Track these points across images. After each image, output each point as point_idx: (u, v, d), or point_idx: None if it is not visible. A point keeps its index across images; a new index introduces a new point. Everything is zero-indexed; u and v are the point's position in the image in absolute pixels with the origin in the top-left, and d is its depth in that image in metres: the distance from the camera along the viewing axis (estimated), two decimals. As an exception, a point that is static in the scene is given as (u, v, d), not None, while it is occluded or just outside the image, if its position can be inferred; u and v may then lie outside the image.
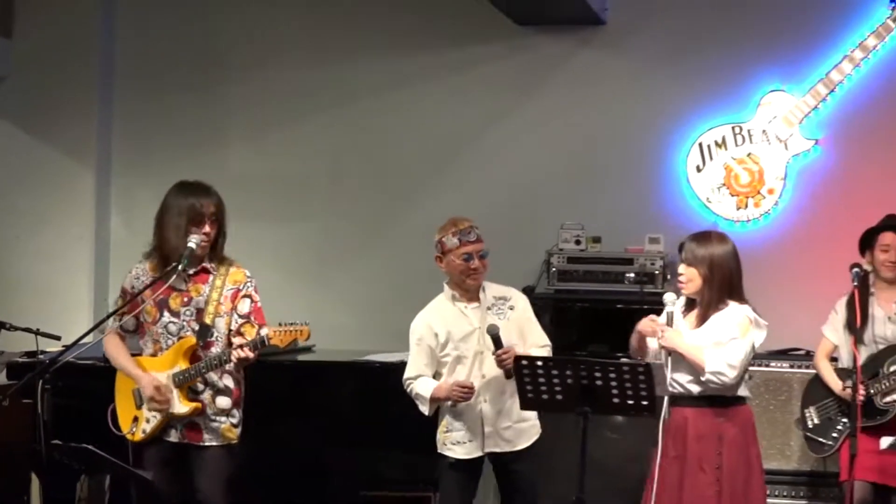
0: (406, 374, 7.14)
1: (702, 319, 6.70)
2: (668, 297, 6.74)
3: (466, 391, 6.91)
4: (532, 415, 7.12)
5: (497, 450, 7.05)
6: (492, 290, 7.18)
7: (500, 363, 6.83)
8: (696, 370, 6.63)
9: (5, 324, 8.23)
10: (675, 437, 6.68)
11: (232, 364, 6.72)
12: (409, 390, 7.12)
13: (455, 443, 7.08)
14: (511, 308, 7.14)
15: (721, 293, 6.70)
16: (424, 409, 7.06)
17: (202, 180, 6.92)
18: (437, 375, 7.14)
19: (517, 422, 7.07)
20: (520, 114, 9.48)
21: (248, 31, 9.80)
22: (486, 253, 7.06)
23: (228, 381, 6.87)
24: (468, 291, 7.10)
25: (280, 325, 6.77)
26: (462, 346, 7.03)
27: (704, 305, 6.72)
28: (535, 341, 7.15)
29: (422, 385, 7.06)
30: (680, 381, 6.68)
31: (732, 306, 6.69)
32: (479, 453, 7.06)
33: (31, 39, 9.65)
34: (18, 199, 9.64)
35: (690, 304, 6.82)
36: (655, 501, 6.72)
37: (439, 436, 7.15)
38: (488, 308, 7.09)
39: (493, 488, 8.07)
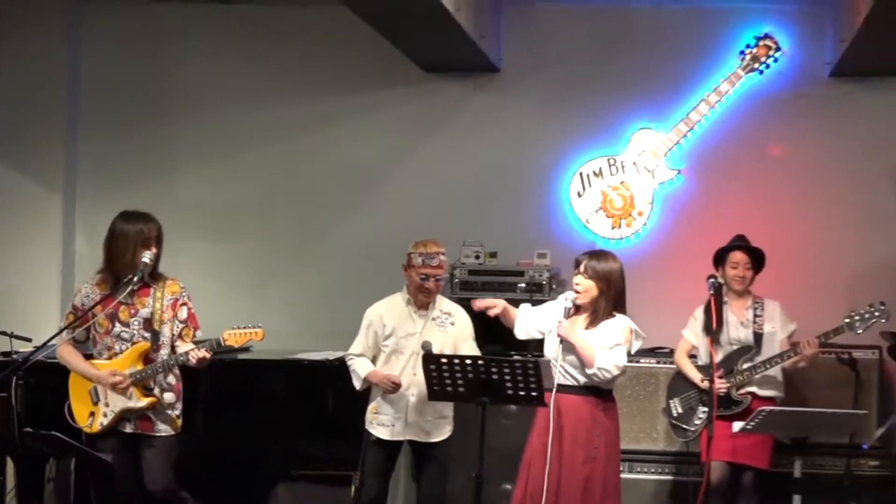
0: (350, 350, 7.29)
1: (591, 325, 6.89)
2: (569, 294, 6.93)
3: (394, 386, 7.09)
4: (450, 413, 7.30)
5: (416, 439, 7.23)
6: (442, 304, 7.34)
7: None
8: (584, 364, 6.80)
9: (-18, 328, 8.17)
10: (557, 422, 6.82)
11: (193, 361, 6.86)
12: (349, 363, 7.27)
13: (380, 424, 7.24)
14: (452, 324, 7.30)
15: (612, 305, 6.93)
16: (357, 384, 7.23)
17: (144, 209, 7.04)
18: (375, 358, 7.27)
19: (437, 418, 7.25)
20: (427, 148, 9.50)
21: (195, 77, 9.72)
22: (443, 278, 7.26)
23: (171, 379, 7.04)
24: (418, 300, 7.25)
25: (235, 327, 6.93)
26: (402, 343, 7.19)
27: (597, 314, 6.91)
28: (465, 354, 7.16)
29: (360, 364, 7.22)
30: (570, 370, 6.87)
31: (619, 317, 6.92)
32: (399, 438, 7.22)
33: (4, 79, 9.52)
34: (-6, 220, 9.48)
35: (577, 309, 6.98)
36: (532, 481, 6.93)
37: (368, 414, 7.29)
38: (433, 318, 7.25)
39: (403, 478, 8.32)
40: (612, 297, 6.98)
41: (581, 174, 9.22)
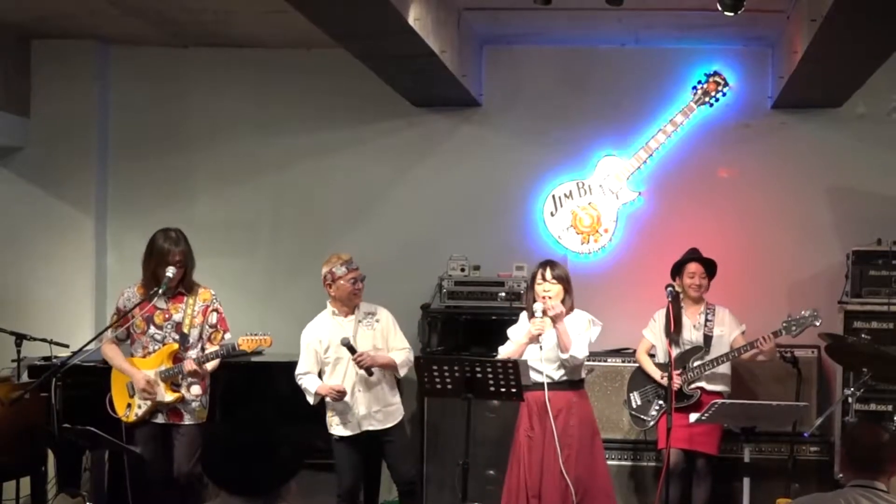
0: (297, 371, 7.32)
1: (558, 319, 7.00)
2: (537, 305, 7.02)
3: (338, 394, 7.13)
4: (396, 400, 7.32)
5: (371, 428, 7.23)
6: (363, 307, 7.36)
7: (357, 364, 7.07)
8: (561, 350, 6.92)
9: (26, 335, 8.28)
10: (540, 414, 6.96)
11: (185, 369, 6.95)
12: (299, 382, 7.29)
13: (338, 425, 7.25)
14: (377, 321, 7.32)
15: (572, 302, 7.10)
16: (310, 399, 7.26)
17: (177, 229, 7.12)
18: (322, 371, 7.29)
19: (385, 406, 7.26)
20: (417, 173, 9.51)
21: (211, 111, 9.71)
22: (364, 277, 7.31)
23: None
24: (345, 307, 7.26)
25: (248, 334, 7.01)
26: (339, 350, 7.18)
27: (566, 310, 7.03)
28: (395, 345, 7.33)
29: (309, 381, 7.24)
30: (546, 370, 6.96)
31: (577, 311, 7.09)
32: (357, 431, 7.22)
33: (43, 117, 9.51)
34: (34, 240, 9.55)
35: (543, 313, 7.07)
36: (516, 467, 7.04)
37: (328, 419, 7.31)
38: (360, 321, 7.26)
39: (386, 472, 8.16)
40: (572, 295, 7.11)
41: (554, 196, 9.24)
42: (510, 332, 7.35)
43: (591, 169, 9.23)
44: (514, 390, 6.56)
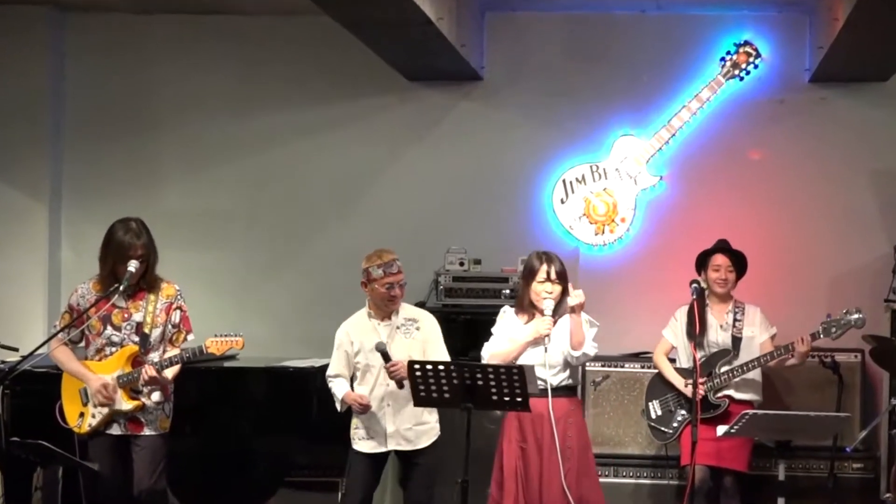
0: (328, 372, 7.30)
1: (554, 322, 7.02)
2: (548, 303, 7.02)
3: (362, 406, 7.11)
4: (432, 419, 7.28)
5: (399, 448, 7.20)
6: (405, 311, 7.32)
7: (389, 375, 7.02)
8: (573, 346, 6.95)
9: (-30, 338, 8.13)
10: (535, 424, 6.96)
11: (144, 378, 6.88)
12: (329, 385, 7.27)
13: (361, 439, 7.22)
14: (418, 329, 7.28)
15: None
16: (337, 406, 7.23)
17: (138, 218, 7.06)
18: (354, 376, 7.28)
19: (417, 424, 7.22)
20: (411, 156, 9.51)
21: (179, 87, 9.71)
22: (405, 282, 7.25)
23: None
24: (382, 311, 7.26)
25: (217, 335, 6.98)
26: (371, 357, 7.16)
27: (562, 310, 7.07)
28: (434, 358, 7.17)
29: (338, 385, 7.23)
30: (546, 375, 6.96)
31: None
32: (383, 449, 7.19)
33: None
34: (-18, 231, 9.44)
35: (529, 313, 7.17)
36: (511, 484, 7.04)
37: (351, 432, 7.27)
38: (398, 327, 7.23)
39: (390, 484, 8.27)
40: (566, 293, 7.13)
41: (564, 181, 9.23)
42: (496, 329, 7.34)
43: (607, 150, 9.22)
44: (519, 399, 6.51)
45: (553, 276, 7.10)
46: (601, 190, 9.20)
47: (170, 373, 7.04)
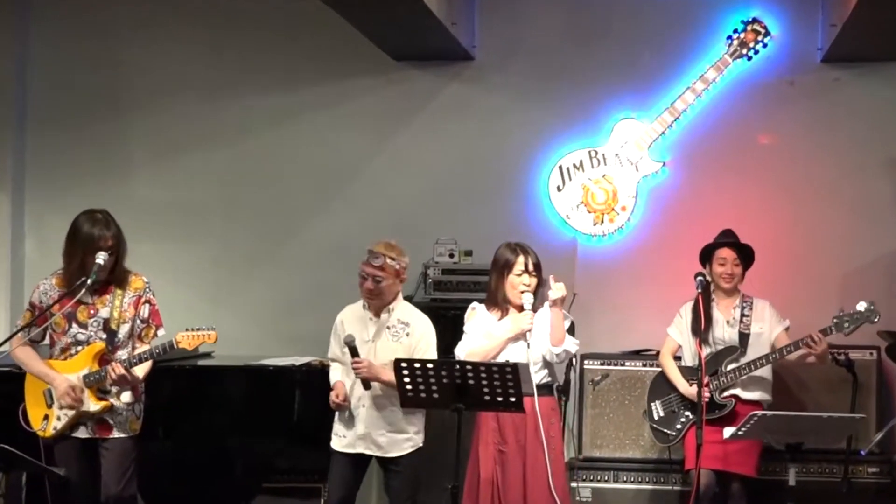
0: (328, 354, 7.35)
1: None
2: (528, 296, 7.09)
3: (334, 404, 7.12)
4: (412, 429, 7.22)
5: (368, 452, 7.17)
6: (401, 312, 7.27)
7: (354, 372, 7.03)
8: (553, 343, 7.02)
9: (-74, 335, 8.07)
10: (516, 425, 7.01)
11: (112, 376, 6.86)
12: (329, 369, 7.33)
13: (336, 434, 7.22)
14: (408, 334, 7.22)
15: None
16: (332, 395, 7.21)
17: (103, 210, 7.04)
18: None
19: (393, 432, 7.17)
20: (398, 141, 9.50)
21: (151, 68, 9.71)
22: (381, 279, 7.13)
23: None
24: (370, 304, 7.25)
25: (188, 329, 6.94)
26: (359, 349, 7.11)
27: (536, 304, 7.12)
28: None
29: (332, 372, 7.27)
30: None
31: (547, 304, 7.14)
32: (352, 450, 7.18)
33: None
34: (-62, 223, 9.42)
35: (503, 308, 7.22)
36: (487, 490, 7.07)
37: (334, 425, 7.29)
38: (388, 327, 7.20)
39: (375, 486, 8.26)
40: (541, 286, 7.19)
41: (561, 167, 9.22)
42: (469, 328, 7.37)
43: (606, 135, 9.21)
44: (512, 399, 6.51)
45: (531, 267, 7.17)
46: (600, 177, 9.19)
47: (140, 371, 7.00)
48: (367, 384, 7.05)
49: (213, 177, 9.74)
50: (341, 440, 7.25)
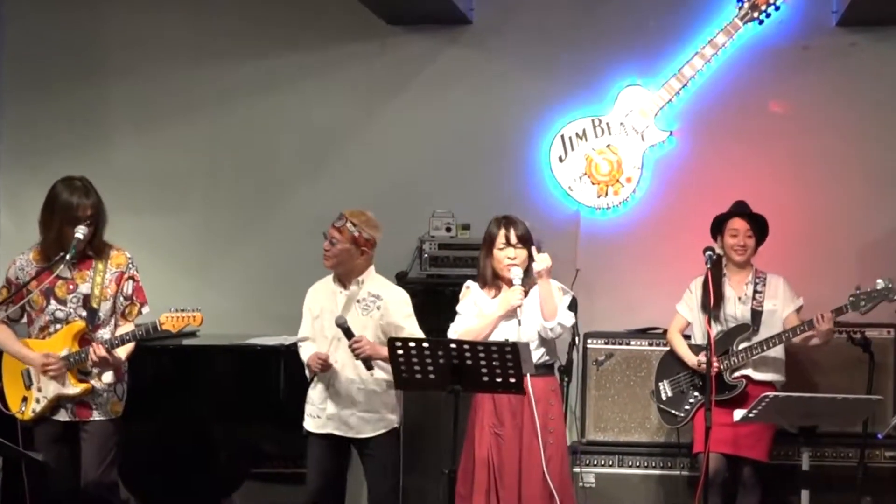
0: (298, 333, 7.31)
1: (525, 293, 7.09)
2: (516, 270, 7.11)
3: (321, 363, 7.03)
4: (387, 409, 7.19)
5: (338, 433, 7.15)
6: (371, 285, 7.23)
7: (353, 353, 6.96)
8: (545, 317, 7.05)
9: None
10: (512, 406, 7.06)
11: (92, 358, 6.85)
12: (299, 348, 7.31)
13: (308, 414, 7.22)
14: (378, 308, 7.18)
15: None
16: (307, 374, 7.22)
17: (83, 177, 7.03)
18: None
19: (365, 412, 7.14)
20: (392, 108, 9.49)
21: (131, 33, 9.69)
22: (336, 241, 7.13)
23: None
24: (336, 274, 7.23)
25: (172, 310, 6.91)
26: (326, 326, 7.13)
27: (530, 278, 7.15)
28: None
29: (304, 350, 7.23)
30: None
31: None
32: (322, 430, 7.17)
33: None
34: None
35: (495, 286, 7.24)
36: (482, 474, 7.08)
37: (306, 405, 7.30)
38: (358, 301, 7.17)
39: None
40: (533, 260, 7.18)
41: (563, 137, 9.21)
42: (462, 307, 7.39)
43: (611, 102, 9.20)
44: (512, 380, 6.49)
45: (513, 240, 7.17)
46: (604, 147, 9.18)
47: (122, 352, 6.99)
48: (368, 364, 6.99)
49: (195, 145, 9.74)
50: (314, 421, 7.23)
